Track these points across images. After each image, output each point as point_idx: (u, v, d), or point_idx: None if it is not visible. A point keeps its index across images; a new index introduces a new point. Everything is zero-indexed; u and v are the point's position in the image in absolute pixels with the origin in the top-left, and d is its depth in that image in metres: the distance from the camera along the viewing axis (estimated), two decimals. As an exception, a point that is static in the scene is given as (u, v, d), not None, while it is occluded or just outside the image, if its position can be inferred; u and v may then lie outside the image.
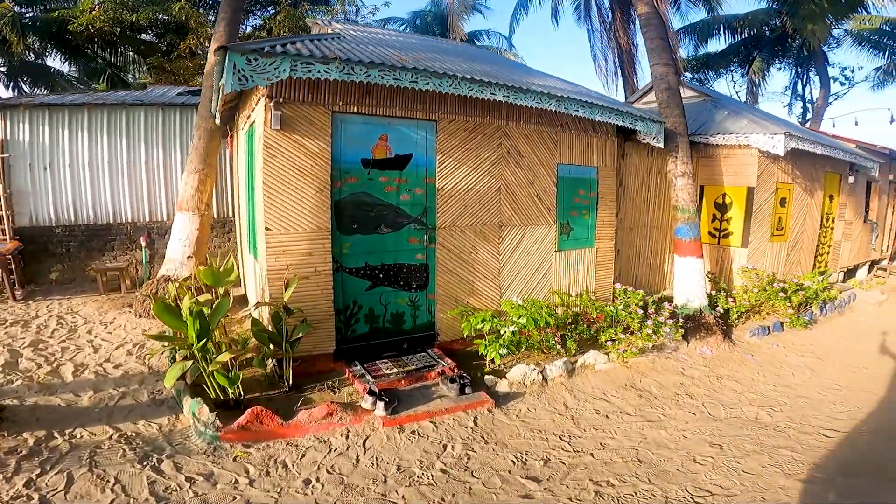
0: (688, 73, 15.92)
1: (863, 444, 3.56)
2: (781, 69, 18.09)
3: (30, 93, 12.53)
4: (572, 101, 4.70)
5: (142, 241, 7.48)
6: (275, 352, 3.80)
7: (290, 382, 3.83)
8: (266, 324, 4.01)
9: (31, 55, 12.73)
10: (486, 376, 4.18)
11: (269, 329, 3.86)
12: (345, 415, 3.47)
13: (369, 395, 3.61)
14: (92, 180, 7.71)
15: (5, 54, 12.01)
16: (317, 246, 4.02)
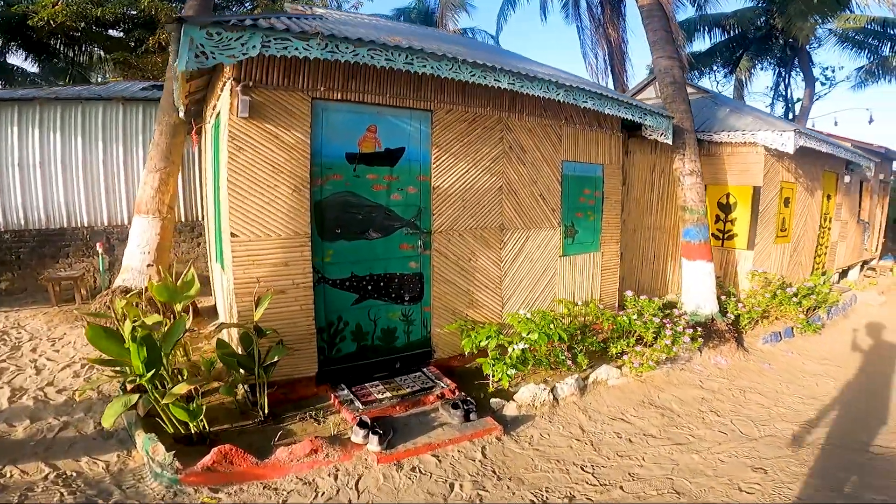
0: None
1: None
2: (763, 69, 18.22)
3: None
4: (581, 92, 4.26)
5: (98, 248, 6.76)
6: (246, 377, 3.27)
7: (266, 411, 3.30)
8: (235, 346, 3.44)
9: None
10: (491, 399, 3.71)
11: (239, 352, 3.30)
12: (332, 451, 2.96)
13: (360, 426, 3.10)
14: (44, 181, 6.97)
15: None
16: (294, 254, 3.46)
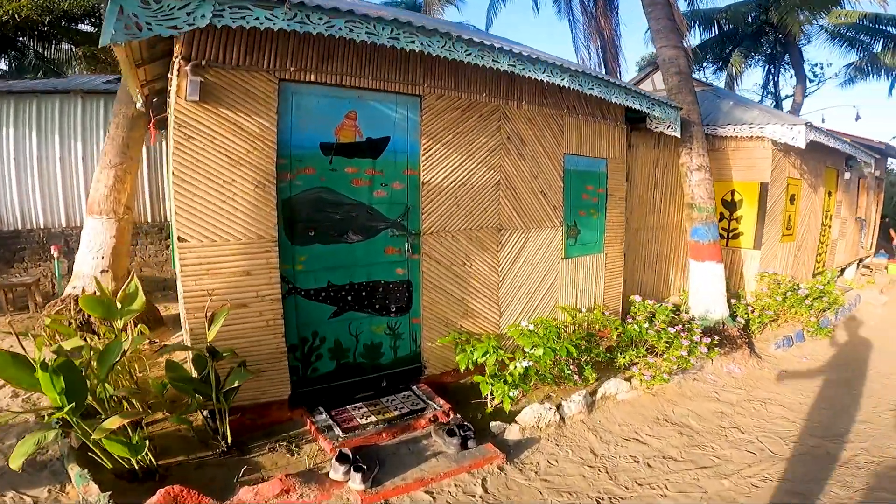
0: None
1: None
2: (752, 66, 18.11)
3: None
4: (587, 77, 3.83)
5: (53, 251, 6.17)
6: (204, 402, 2.77)
7: (230, 440, 2.81)
8: (189, 368, 2.94)
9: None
10: (491, 422, 3.27)
11: (194, 375, 2.80)
12: (307, 490, 2.50)
13: (340, 461, 2.63)
14: (-7, 180, 6.36)
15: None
16: (258, 261, 2.94)
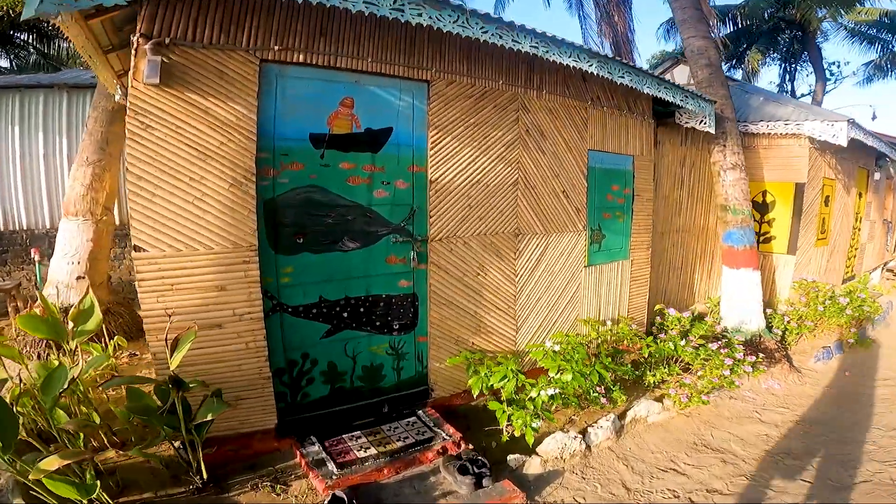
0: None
1: None
2: (767, 64, 17.63)
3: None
4: (618, 65, 3.38)
5: (34, 254, 5.78)
6: (173, 434, 2.35)
7: (204, 476, 2.41)
8: (152, 396, 2.50)
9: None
10: (508, 455, 2.83)
11: (159, 404, 2.37)
12: (293, 542, 2.10)
13: (332, 507, 2.22)
14: (-28, 178, 5.98)
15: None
16: (234, 274, 2.50)
